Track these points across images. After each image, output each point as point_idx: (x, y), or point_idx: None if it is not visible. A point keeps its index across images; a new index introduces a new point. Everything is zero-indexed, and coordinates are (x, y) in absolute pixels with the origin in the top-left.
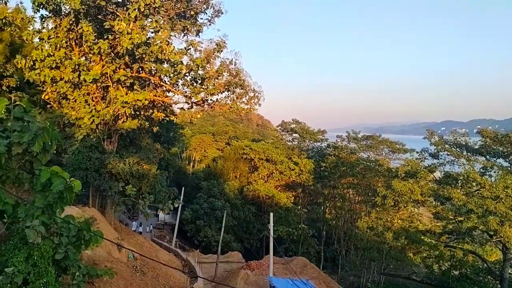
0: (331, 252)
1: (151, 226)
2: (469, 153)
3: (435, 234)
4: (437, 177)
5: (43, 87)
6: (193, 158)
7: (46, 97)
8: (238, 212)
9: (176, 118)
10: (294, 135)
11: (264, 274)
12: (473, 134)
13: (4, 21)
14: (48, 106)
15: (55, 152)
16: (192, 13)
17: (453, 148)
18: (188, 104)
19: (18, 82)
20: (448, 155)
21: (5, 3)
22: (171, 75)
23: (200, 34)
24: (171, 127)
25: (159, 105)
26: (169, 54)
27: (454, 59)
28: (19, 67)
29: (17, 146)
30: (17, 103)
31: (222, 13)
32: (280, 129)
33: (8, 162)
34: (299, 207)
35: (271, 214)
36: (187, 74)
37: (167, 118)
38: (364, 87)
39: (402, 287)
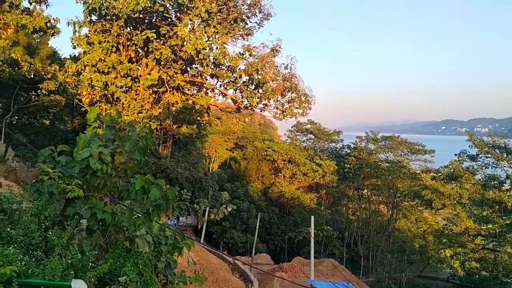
0: (350, 253)
1: (174, 220)
2: (509, 155)
3: (469, 236)
4: (477, 180)
5: (77, 91)
6: (206, 159)
7: (87, 101)
8: (262, 214)
9: (221, 122)
10: (309, 135)
11: (297, 276)
12: (473, 133)
13: (48, 24)
14: (82, 109)
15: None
16: (244, 17)
17: (494, 150)
18: (240, 108)
19: (57, 86)
20: (487, 157)
21: (46, 7)
22: (230, 80)
23: (250, 37)
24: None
25: (203, 109)
26: (230, 59)
27: (454, 58)
28: (69, 71)
29: (119, 155)
30: (108, 111)
31: (271, 16)
32: (294, 129)
33: (110, 171)
34: (322, 209)
35: (312, 217)
36: (242, 78)
37: (210, 122)
38: (363, 87)
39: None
